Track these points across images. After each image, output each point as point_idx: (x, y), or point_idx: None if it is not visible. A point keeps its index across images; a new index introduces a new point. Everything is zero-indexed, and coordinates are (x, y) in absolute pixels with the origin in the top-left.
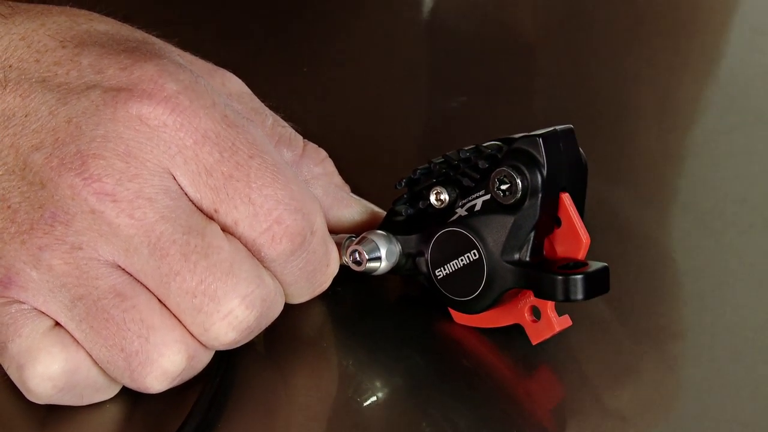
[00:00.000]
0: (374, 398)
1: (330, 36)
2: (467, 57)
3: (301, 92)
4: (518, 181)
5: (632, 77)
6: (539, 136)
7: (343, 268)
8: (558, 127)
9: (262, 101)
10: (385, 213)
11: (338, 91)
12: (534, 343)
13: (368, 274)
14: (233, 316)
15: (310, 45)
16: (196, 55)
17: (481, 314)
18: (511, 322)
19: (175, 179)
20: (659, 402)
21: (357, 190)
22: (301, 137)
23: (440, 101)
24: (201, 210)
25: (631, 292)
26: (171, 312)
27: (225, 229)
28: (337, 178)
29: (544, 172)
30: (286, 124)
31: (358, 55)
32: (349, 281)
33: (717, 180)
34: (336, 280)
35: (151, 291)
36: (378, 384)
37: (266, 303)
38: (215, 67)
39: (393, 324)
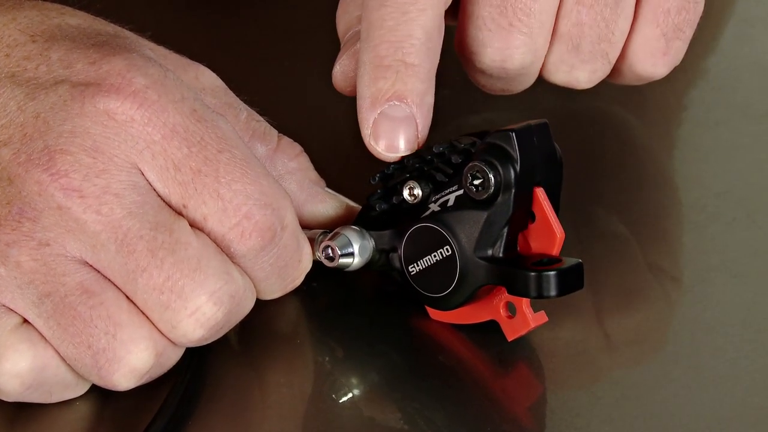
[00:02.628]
0: (350, 395)
1: (310, 29)
2: (451, 50)
3: (278, 86)
4: (491, 176)
5: None
6: (512, 130)
7: (318, 264)
8: (532, 122)
9: (238, 95)
10: (360, 208)
11: (316, 85)
12: (509, 339)
13: (342, 270)
14: (201, 312)
15: (290, 39)
16: (170, 50)
17: (456, 310)
18: (487, 318)
19: (143, 174)
20: (637, 397)
21: (333, 185)
22: (275, 132)
23: None
24: (170, 205)
25: (607, 288)
26: (139, 309)
27: (194, 225)
28: (312, 173)
29: (517, 167)
30: (260, 118)
31: (337, 49)
32: (325, 276)
33: (700, 174)
34: (311, 276)
35: (118, 288)
36: (354, 380)
37: (235, 299)
38: (189, 62)
39: (369, 320)
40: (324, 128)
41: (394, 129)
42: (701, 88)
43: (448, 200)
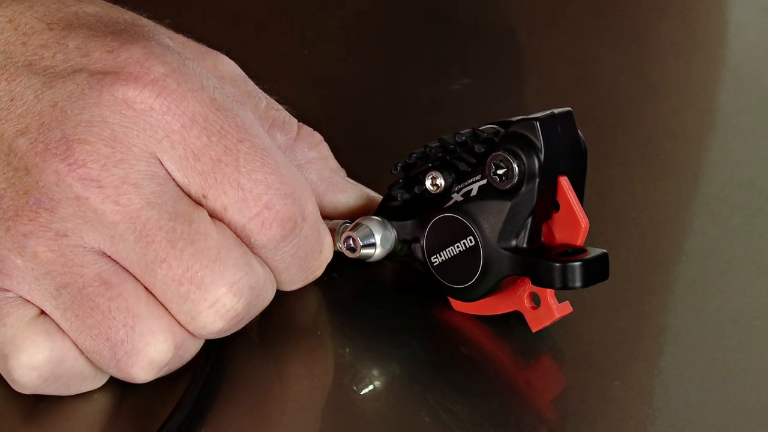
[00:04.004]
0: (371, 387)
1: (331, 18)
2: (472, 38)
3: (298, 75)
4: (515, 165)
5: (638, 59)
6: (536, 119)
7: (339, 255)
8: (556, 110)
9: (258, 84)
10: (382, 198)
11: (337, 73)
12: (534, 330)
13: (363, 261)
14: (221, 304)
15: (312, 27)
16: (190, 38)
17: (479, 301)
18: (511, 309)
19: (161, 164)
20: (661, 390)
21: (353, 174)
22: (295, 120)
23: (443, 84)
24: (189, 195)
25: (632, 279)
26: (158, 300)
27: (214, 215)
28: (333, 162)
29: (542, 156)
30: (280, 107)
31: (358, 37)
32: (345, 267)
33: (723, 163)
34: (331, 267)
35: (137, 279)
36: (375, 372)
37: (255, 290)
38: (208, 50)
39: (390, 311)
40: (344, 117)
41: None
42: (723, 77)
43: (471, 190)
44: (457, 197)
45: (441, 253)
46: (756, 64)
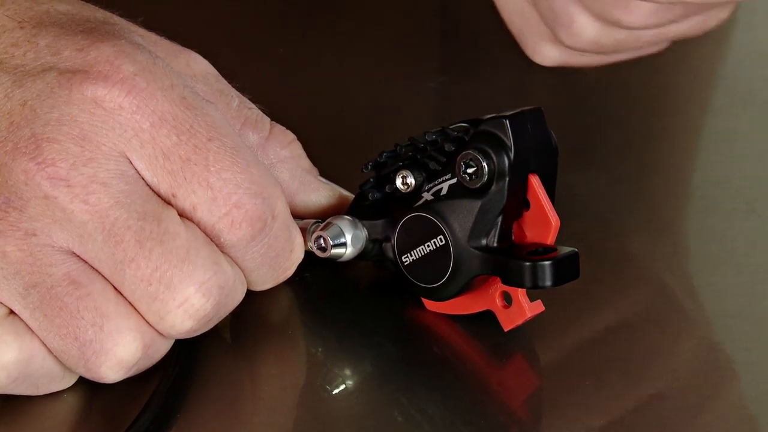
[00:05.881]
0: (343, 386)
1: (305, 15)
2: (449, 35)
3: (272, 73)
4: (484, 164)
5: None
6: (505, 117)
7: (311, 254)
8: (526, 108)
9: (230, 82)
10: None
11: (310, 72)
12: (506, 329)
13: (334, 260)
14: (189, 304)
15: (284, 25)
16: (162, 36)
17: (451, 301)
18: (483, 308)
19: (131, 163)
20: (633, 391)
21: (326, 173)
22: (268, 119)
23: (418, 82)
24: (158, 195)
25: (604, 278)
26: (127, 300)
27: (183, 215)
28: (305, 162)
29: (511, 155)
30: (253, 105)
31: (332, 35)
32: (317, 267)
33: (699, 163)
34: (303, 266)
35: (106, 278)
36: (347, 372)
37: (224, 290)
38: (181, 48)
39: (363, 310)
40: (317, 116)
41: None
42: (702, 75)
43: (441, 189)
44: (427, 196)
45: (412, 253)
46: (735, 63)
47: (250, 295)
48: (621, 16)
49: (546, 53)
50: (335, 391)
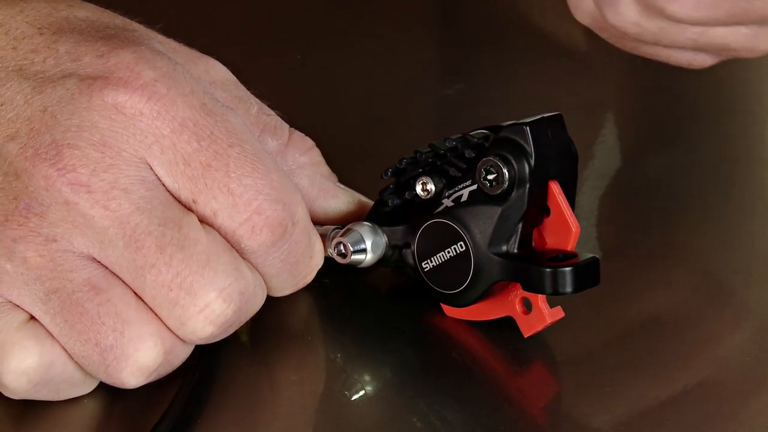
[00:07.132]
0: (362, 392)
1: (323, 23)
2: (467, 42)
3: (290, 79)
4: (505, 170)
5: (637, 61)
6: (526, 124)
7: (330, 261)
8: (546, 114)
9: (249, 89)
10: (373, 204)
11: (328, 78)
12: (525, 335)
13: (354, 267)
14: (210, 309)
15: (303, 32)
16: (181, 42)
17: (471, 307)
18: (503, 315)
19: (151, 169)
20: (654, 397)
21: (345, 179)
22: (287, 126)
23: (435, 89)
24: (179, 201)
25: (624, 284)
26: (147, 305)
27: (204, 221)
28: (324, 168)
29: (532, 162)
30: (271, 112)
31: (350, 42)
32: (337, 273)
33: (722, 172)
34: (323, 272)
35: (126, 284)
36: (366, 378)
37: (245, 296)
38: (199, 55)
39: (382, 316)
40: (336, 122)
41: None
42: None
43: (461, 195)
44: (447, 203)
45: (432, 259)
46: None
47: (270, 300)
48: (665, 4)
49: (585, 7)
50: (354, 397)
